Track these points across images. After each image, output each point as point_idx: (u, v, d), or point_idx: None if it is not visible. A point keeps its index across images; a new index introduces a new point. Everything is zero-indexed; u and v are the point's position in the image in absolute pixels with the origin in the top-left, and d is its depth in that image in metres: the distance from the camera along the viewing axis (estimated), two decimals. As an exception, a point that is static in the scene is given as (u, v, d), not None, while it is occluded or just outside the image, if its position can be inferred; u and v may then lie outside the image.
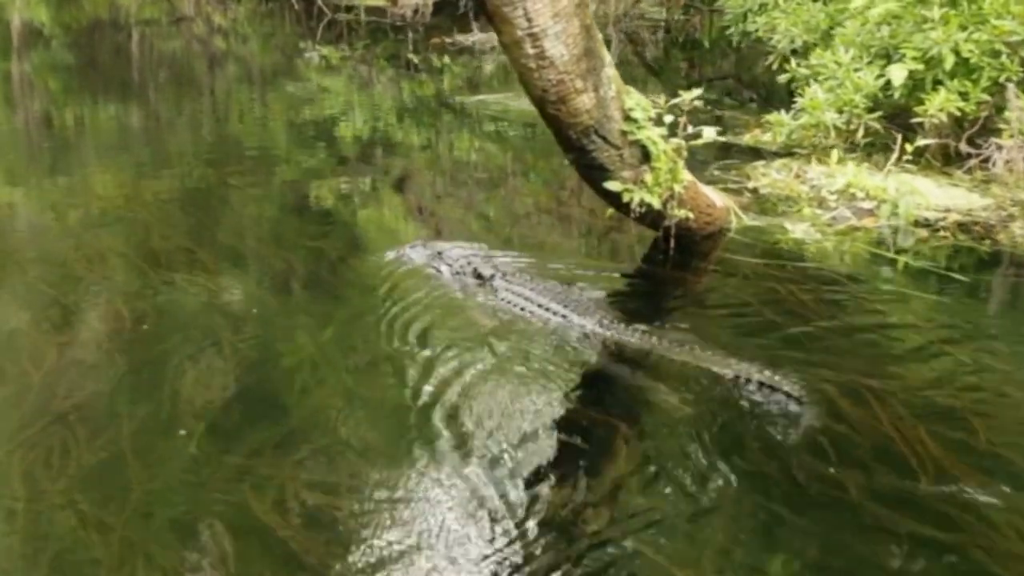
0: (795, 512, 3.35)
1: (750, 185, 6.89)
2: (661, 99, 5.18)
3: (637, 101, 4.95)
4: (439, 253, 5.46)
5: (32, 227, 6.81)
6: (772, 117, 7.26)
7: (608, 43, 11.01)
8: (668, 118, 5.20)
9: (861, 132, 6.96)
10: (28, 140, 10.15)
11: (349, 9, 16.87)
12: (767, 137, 7.60)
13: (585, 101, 4.77)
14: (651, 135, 5.01)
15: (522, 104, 10.01)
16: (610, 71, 4.84)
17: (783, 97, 9.67)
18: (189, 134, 10.17)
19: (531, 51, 4.56)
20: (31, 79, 13.59)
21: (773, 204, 6.51)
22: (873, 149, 7.13)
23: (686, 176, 5.38)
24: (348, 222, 6.82)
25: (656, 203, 5.18)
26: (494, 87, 11.67)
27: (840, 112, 6.97)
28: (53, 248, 6.20)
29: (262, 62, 15.27)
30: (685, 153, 5.25)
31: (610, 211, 5.72)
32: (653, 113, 5.03)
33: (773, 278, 5.44)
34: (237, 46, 16.92)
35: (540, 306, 4.76)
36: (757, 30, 8.80)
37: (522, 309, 4.79)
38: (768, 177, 6.98)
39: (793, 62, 7.51)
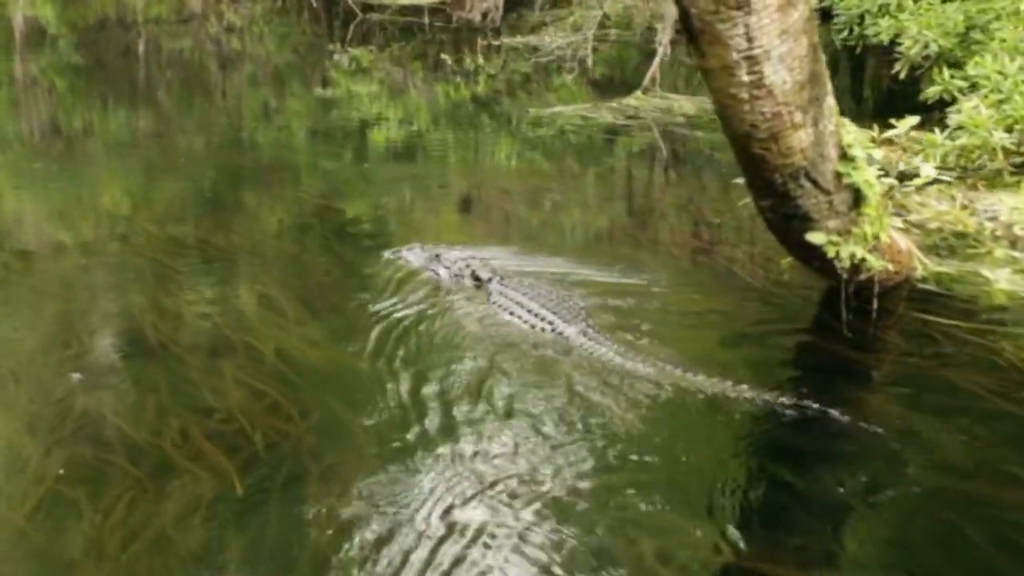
0: None
1: (911, 218, 5.94)
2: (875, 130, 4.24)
3: (856, 136, 4.01)
4: (437, 256, 5.37)
5: (43, 243, 6.13)
6: (925, 136, 6.30)
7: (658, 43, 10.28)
8: (877, 153, 4.27)
9: (1034, 154, 6.04)
10: (33, 145, 9.34)
11: (383, 8, 15.83)
12: (909, 157, 6.64)
13: (801, 138, 3.82)
14: (869, 177, 4.07)
15: (604, 116, 9.13)
16: (831, 100, 3.89)
17: (863, 103, 8.79)
18: (206, 140, 9.41)
19: (746, 78, 3.61)
20: (36, 80, 12.66)
21: (951, 243, 5.56)
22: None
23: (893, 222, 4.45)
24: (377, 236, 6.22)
25: (869, 257, 4.24)
26: (555, 96, 10.71)
27: (1009, 131, 6.03)
28: (66, 268, 5.58)
29: (281, 63, 14.33)
30: (899, 195, 4.32)
31: (786, 260, 4.78)
32: (874, 150, 4.09)
33: (984, 346, 4.45)
34: (253, 46, 15.92)
35: (531, 312, 4.63)
36: (879, 34, 7.82)
37: (511, 314, 4.67)
38: (929, 208, 6.02)
39: (946, 72, 6.54)
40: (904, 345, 4.59)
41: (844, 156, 4.02)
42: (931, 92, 6.77)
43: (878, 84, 8.86)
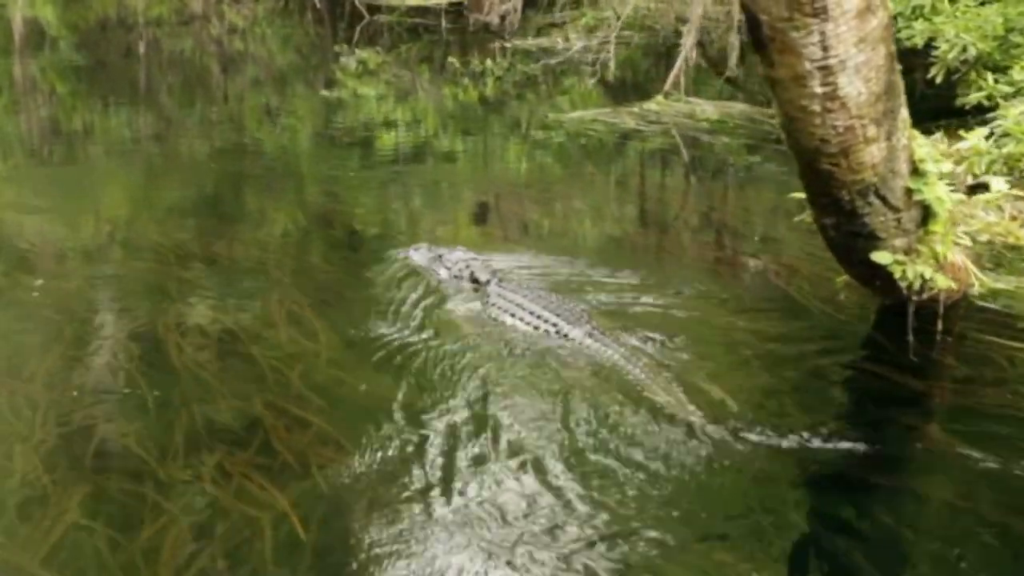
0: None
1: (960, 230, 5.70)
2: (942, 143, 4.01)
3: (929, 151, 3.77)
4: (439, 256, 5.37)
5: (53, 255, 5.90)
6: (971, 145, 6.06)
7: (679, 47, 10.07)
8: (946, 166, 4.03)
9: (1084, 164, 5.81)
10: (34, 148, 9.14)
11: (391, 10, 15.57)
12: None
13: (873, 153, 3.58)
14: (941, 193, 3.83)
15: (624, 121, 8.91)
16: (904, 112, 3.65)
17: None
18: (209, 143, 9.20)
19: (819, 89, 3.37)
20: (36, 82, 12.40)
21: (1001, 257, 5.33)
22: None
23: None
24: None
25: (937, 277, 4.01)
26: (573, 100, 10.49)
27: (1057, 139, 5.81)
28: (79, 282, 5.36)
29: (284, 64, 14.11)
30: (973, 211, 4.09)
31: (842, 278, 4.55)
32: (944, 164, 3.86)
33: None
34: (256, 47, 15.68)
35: (533, 313, 4.59)
36: (912, 37, 7.58)
37: (513, 316, 4.63)
38: (976, 219, 5.79)
39: (990, 77, 6.31)
40: (966, 370, 4.34)
41: (915, 171, 3.78)
42: (972, 97, 6.54)
43: (910, 89, 8.62)
